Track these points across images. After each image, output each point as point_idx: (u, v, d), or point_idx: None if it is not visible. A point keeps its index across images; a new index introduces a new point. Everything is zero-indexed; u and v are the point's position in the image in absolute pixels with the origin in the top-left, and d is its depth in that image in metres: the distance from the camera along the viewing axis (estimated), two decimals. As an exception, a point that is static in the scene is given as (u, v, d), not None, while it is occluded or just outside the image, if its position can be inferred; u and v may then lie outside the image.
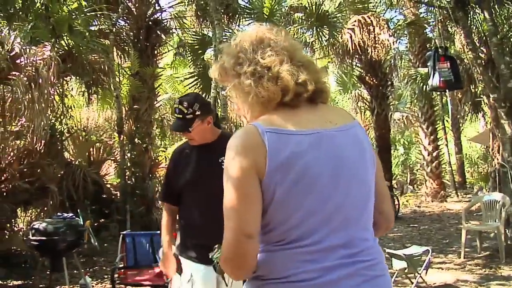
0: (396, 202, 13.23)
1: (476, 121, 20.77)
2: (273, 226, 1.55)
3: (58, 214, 6.50)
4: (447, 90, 9.99)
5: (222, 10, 10.14)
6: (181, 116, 3.12)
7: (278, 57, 1.63)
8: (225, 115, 8.50)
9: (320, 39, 12.27)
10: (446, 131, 20.53)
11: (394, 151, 23.28)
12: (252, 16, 11.70)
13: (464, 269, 7.23)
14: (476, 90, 13.16)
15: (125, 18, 11.58)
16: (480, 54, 9.74)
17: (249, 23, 12.05)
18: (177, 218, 3.36)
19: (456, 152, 23.15)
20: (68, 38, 8.96)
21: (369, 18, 11.51)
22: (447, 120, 21.93)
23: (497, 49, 8.75)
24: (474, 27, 10.60)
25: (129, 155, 10.76)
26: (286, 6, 12.65)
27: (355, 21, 11.65)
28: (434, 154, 16.80)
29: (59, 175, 8.86)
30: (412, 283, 6.05)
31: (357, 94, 18.44)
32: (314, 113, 1.64)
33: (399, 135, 24.91)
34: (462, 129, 25.34)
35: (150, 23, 11.43)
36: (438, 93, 13.93)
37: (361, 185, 1.61)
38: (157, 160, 11.87)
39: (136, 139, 10.79)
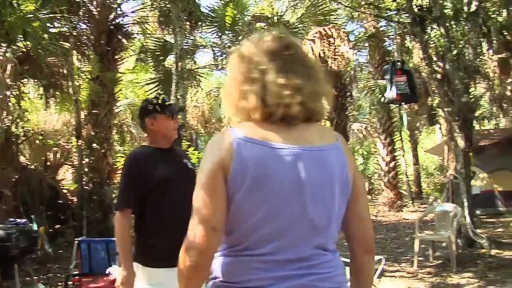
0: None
1: (432, 133, 21.28)
2: (232, 228, 1.61)
3: (11, 219, 6.36)
4: (403, 103, 10.21)
5: (185, 17, 10.16)
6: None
7: (258, 75, 1.68)
8: (185, 122, 8.50)
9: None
10: (403, 142, 20.92)
11: (353, 161, 23.66)
12: (215, 24, 11.74)
13: (416, 277, 7.40)
14: (432, 103, 13.48)
15: (86, 21, 11.45)
16: (436, 68, 9.99)
17: (212, 31, 12.08)
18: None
19: (413, 163, 23.66)
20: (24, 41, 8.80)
21: (330, 30, 11.69)
22: (404, 132, 22.36)
23: (452, 64, 9.01)
24: (432, 42, 10.88)
25: (87, 160, 10.62)
26: (249, 16, 12.72)
27: (316, 32, 11.82)
28: (392, 164, 17.12)
29: (13, 180, 8.69)
30: (366, 291, 6.14)
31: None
32: (293, 130, 1.64)
33: (358, 145, 25.26)
34: (419, 141, 25.93)
35: (112, 27, 11.33)
36: (396, 105, 14.21)
37: (322, 206, 1.62)
38: (115, 166, 11.74)
39: (94, 144, 10.67)
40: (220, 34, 11.93)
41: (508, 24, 12.72)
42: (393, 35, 13.82)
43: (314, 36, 11.77)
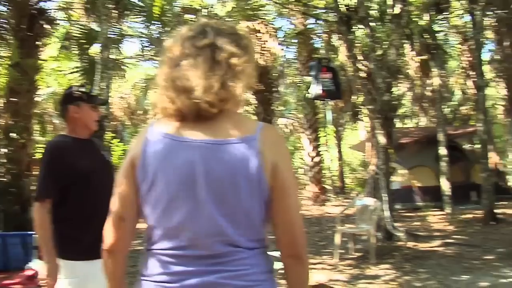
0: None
1: (357, 129, 21.88)
2: (145, 222, 1.65)
3: None
4: (328, 99, 10.43)
5: (112, 6, 9.94)
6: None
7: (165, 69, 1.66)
8: (108, 113, 8.34)
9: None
10: (328, 138, 21.38)
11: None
12: (143, 14, 11.56)
13: (337, 269, 7.63)
14: (357, 100, 13.86)
15: (5, 3, 10.94)
16: (361, 67, 10.29)
17: (139, 21, 11.89)
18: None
19: (338, 158, 24.24)
20: None
21: (259, 25, 11.77)
22: (329, 128, 22.84)
23: (376, 64, 9.31)
24: (357, 42, 11.18)
25: (4, 150, 10.19)
26: (178, 7, 12.60)
27: (244, 27, 11.85)
28: (316, 159, 17.47)
29: None
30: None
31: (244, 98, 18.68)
32: (203, 124, 1.59)
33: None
34: (344, 137, 26.60)
35: (34, 11, 10.88)
36: (321, 101, 14.49)
37: (222, 202, 1.55)
38: (35, 157, 11.31)
39: (13, 134, 10.24)
40: (147, 24, 11.76)
41: (429, 27, 13.28)
42: (320, 33, 14.13)
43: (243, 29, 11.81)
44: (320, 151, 18.23)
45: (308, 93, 11.76)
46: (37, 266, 4.45)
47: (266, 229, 1.63)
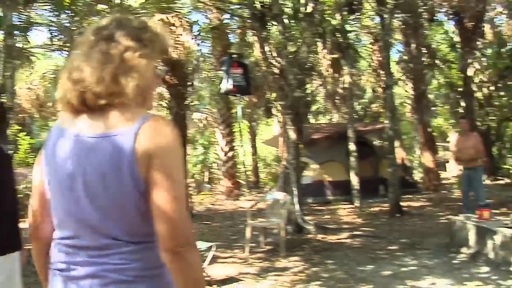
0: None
1: (271, 125, 22.16)
2: None
3: None
4: (239, 95, 10.50)
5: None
6: None
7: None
8: (13, 105, 7.95)
9: (121, 34, 11.99)
10: (242, 133, 21.54)
11: (193, 151, 23.87)
12: (52, 1, 11.11)
13: (247, 262, 7.72)
14: (270, 96, 14.05)
15: None
16: (274, 63, 10.45)
17: (49, 9, 11.42)
18: None
19: (252, 153, 24.47)
20: None
21: (173, 18, 11.64)
22: (244, 123, 23.03)
23: (288, 61, 9.48)
24: (271, 39, 11.34)
25: None
26: (90, -4, 12.21)
27: (158, 20, 11.67)
28: (230, 154, 17.57)
29: None
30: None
31: (158, 92, 18.45)
32: (89, 118, 1.60)
33: (199, 135, 25.51)
34: (258, 132, 26.89)
35: None
36: (232, 96, 14.53)
37: (96, 195, 1.55)
38: None
39: None
40: (57, 12, 11.32)
41: (341, 27, 13.67)
42: (235, 28, 14.19)
43: (157, 23, 11.62)
44: (234, 146, 18.35)
45: (220, 88, 11.82)
46: None
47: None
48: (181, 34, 11.44)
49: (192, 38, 11.64)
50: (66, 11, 11.21)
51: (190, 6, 15.14)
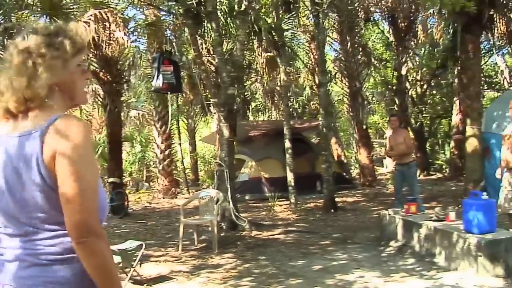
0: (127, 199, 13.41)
1: (210, 122, 22.10)
2: None
3: None
4: (169, 92, 10.35)
5: None
6: None
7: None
8: None
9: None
10: (181, 130, 21.37)
11: (131, 148, 23.53)
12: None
13: (180, 260, 7.68)
14: (206, 93, 14.01)
15: None
16: (211, 61, 10.44)
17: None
18: None
19: (190, 151, 24.34)
20: None
21: (106, 14, 11.41)
22: (182, 120, 22.89)
23: (221, 58, 9.48)
24: (206, 36, 11.32)
25: None
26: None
27: (91, 15, 11.44)
28: (167, 152, 17.43)
29: None
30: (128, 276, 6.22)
31: (94, 89, 18.05)
32: (15, 121, 1.79)
33: (137, 132, 25.13)
34: (198, 130, 26.77)
35: None
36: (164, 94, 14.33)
37: (23, 189, 1.73)
38: None
39: None
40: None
41: (277, 25, 13.78)
42: (171, 25, 14.07)
43: (90, 19, 11.37)
44: (171, 143, 18.23)
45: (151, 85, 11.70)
46: None
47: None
48: (114, 30, 11.21)
49: (125, 34, 11.42)
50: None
51: (126, 1, 14.89)
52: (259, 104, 29.76)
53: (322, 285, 5.93)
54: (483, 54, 21.33)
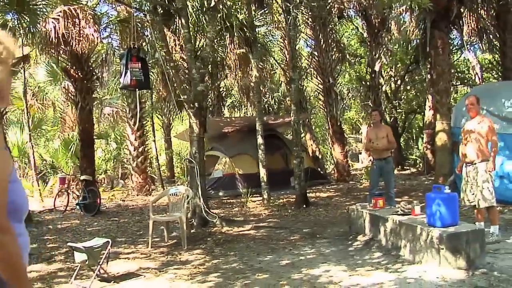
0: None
1: (186, 119, 21.99)
2: None
3: None
4: (137, 89, 10.31)
5: None
6: None
7: None
8: None
9: (20, 25, 11.58)
10: (155, 127, 21.28)
11: (106, 146, 23.36)
12: None
13: (149, 257, 7.69)
14: (176, 90, 13.95)
15: None
16: (177, 57, 10.42)
17: None
18: None
19: (166, 148, 24.25)
20: None
21: (76, 10, 11.32)
22: (157, 117, 22.78)
23: (190, 55, 9.48)
24: (174, 32, 11.28)
25: None
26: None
27: (60, 11, 11.34)
28: (140, 149, 17.36)
29: None
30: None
31: (66, 86, 17.90)
32: None
33: (111, 130, 24.94)
34: (173, 126, 26.66)
35: None
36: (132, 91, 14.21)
37: None
38: None
39: None
40: None
41: (248, 21, 13.80)
42: (143, 21, 13.98)
43: (59, 15, 11.28)
44: (145, 140, 18.16)
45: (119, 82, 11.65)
46: None
47: None
48: (84, 27, 11.13)
49: (95, 31, 11.34)
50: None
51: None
52: (235, 101, 29.74)
53: (288, 279, 5.98)
54: (455, 50, 21.65)
